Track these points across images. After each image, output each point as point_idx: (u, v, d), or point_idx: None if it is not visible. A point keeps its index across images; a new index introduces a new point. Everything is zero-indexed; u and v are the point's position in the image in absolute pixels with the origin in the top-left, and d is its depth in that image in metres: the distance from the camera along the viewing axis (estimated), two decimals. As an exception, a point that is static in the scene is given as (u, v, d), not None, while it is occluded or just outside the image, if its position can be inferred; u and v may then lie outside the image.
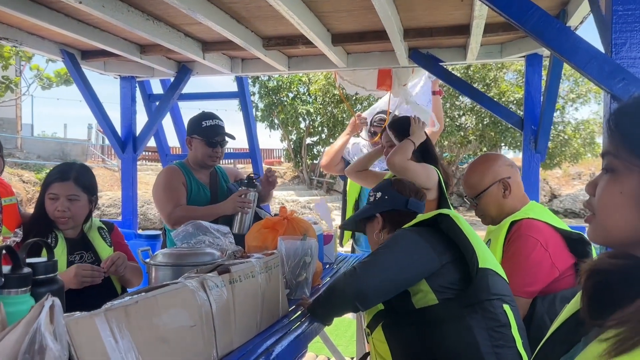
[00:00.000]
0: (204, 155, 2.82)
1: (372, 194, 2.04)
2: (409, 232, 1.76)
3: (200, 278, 1.58)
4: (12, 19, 2.80)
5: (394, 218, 1.96)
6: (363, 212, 2.08)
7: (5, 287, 1.20)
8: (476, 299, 1.60)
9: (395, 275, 1.66)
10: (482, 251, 1.67)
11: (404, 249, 1.69)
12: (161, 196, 2.76)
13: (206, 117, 2.83)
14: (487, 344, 1.56)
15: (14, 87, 9.67)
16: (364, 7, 2.58)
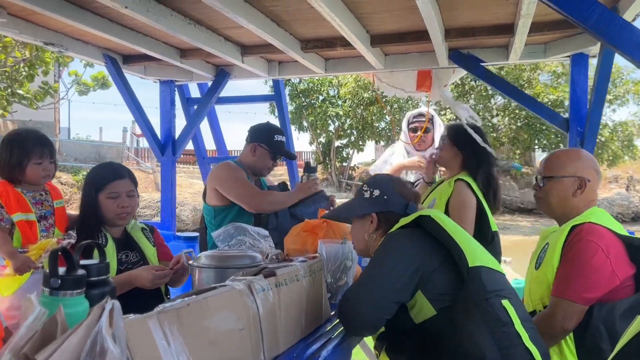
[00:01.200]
0: (264, 165, 2.92)
1: (368, 189, 1.87)
2: (397, 241, 1.67)
3: (247, 281, 1.58)
4: (58, 24, 2.87)
5: (390, 220, 1.81)
6: (356, 208, 1.91)
7: (61, 289, 1.21)
8: (473, 301, 1.51)
9: (390, 292, 1.58)
10: (470, 248, 1.58)
11: (394, 263, 1.60)
12: (239, 185, 2.80)
13: (277, 132, 2.95)
14: (492, 349, 1.46)
15: (53, 92, 9.95)
16: (406, 8, 2.56)
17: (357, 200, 1.90)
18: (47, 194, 2.42)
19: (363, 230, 1.86)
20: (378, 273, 1.61)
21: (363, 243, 1.88)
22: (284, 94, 4.12)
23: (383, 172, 3.47)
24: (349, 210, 1.95)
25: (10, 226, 2.25)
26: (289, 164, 4.19)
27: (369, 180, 1.96)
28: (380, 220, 1.83)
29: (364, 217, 1.85)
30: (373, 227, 1.83)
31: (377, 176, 2.00)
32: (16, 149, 2.31)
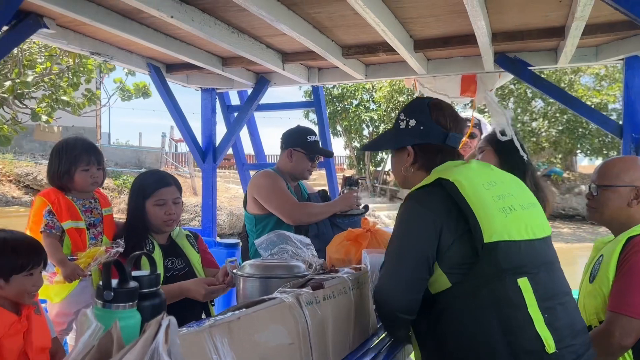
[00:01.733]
0: (303, 168, 2.93)
1: (404, 119, 1.70)
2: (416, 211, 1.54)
3: (295, 293, 1.55)
4: (105, 34, 2.93)
5: (428, 153, 1.66)
6: (391, 139, 1.76)
7: (114, 302, 1.21)
8: (482, 279, 1.41)
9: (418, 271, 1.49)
10: (489, 221, 1.43)
11: (414, 238, 1.50)
12: (277, 196, 2.81)
13: (310, 133, 2.95)
14: (495, 332, 1.38)
15: (95, 99, 10.25)
16: (452, 12, 2.50)
17: (393, 131, 1.75)
18: (96, 202, 2.46)
19: (400, 164, 1.72)
20: (402, 254, 1.54)
21: (401, 177, 1.75)
22: (323, 101, 4.11)
23: None
24: (385, 141, 1.82)
25: (60, 233, 2.30)
26: (327, 167, 4.16)
27: (407, 107, 1.77)
28: (416, 153, 1.67)
29: (401, 149, 1.71)
30: (410, 160, 1.68)
31: (415, 102, 1.78)
32: (64, 157, 2.36)
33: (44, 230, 2.25)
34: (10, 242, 1.77)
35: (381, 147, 1.92)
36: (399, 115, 1.74)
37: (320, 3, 2.42)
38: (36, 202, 2.36)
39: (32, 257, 1.78)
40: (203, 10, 2.53)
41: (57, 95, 8.77)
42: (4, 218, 8.17)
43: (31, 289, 1.79)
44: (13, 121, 8.45)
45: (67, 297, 2.34)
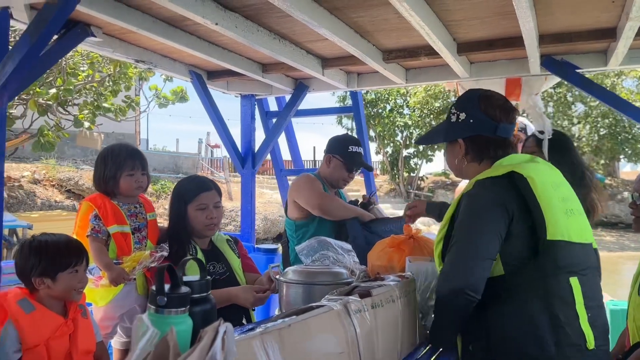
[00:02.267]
0: (339, 177, 2.93)
1: (455, 112, 1.75)
2: (483, 201, 1.59)
3: (343, 301, 1.53)
4: (149, 42, 2.98)
5: (479, 145, 1.71)
6: (442, 133, 1.82)
7: (167, 307, 1.21)
8: (539, 274, 1.50)
9: (487, 248, 1.53)
10: (554, 219, 1.51)
11: (486, 218, 1.55)
12: (310, 190, 2.86)
13: (353, 143, 2.94)
14: (545, 326, 1.46)
15: (134, 105, 10.50)
16: (499, 14, 2.45)
17: (445, 124, 1.81)
18: (141, 207, 2.49)
19: (454, 156, 1.78)
20: (474, 234, 1.56)
21: (455, 167, 1.82)
22: (361, 106, 4.09)
23: None
24: (437, 134, 1.90)
25: (106, 237, 2.33)
26: (366, 177, 4.13)
27: (458, 100, 1.84)
28: (468, 145, 1.73)
29: (453, 142, 1.77)
30: (461, 152, 1.75)
31: (466, 94, 1.82)
32: (110, 163, 2.40)
33: (90, 235, 2.29)
34: (51, 243, 1.85)
35: (433, 141, 2.00)
36: (451, 108, 1.78)
37: (363, 7, 2.41)
38: (83, 206, 2.40)
39: (74, 255, 1.86)
40: (246, 17, 2.54)
41: (98, 102, 9.02)
42: (47, 221, 8.44)
43: (77, 286, 1.86)
44: (57, 127, 8.73)
45: (112, 301, 2.37)
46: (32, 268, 1.81)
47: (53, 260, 1.81)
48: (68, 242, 1.89)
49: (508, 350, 1.51)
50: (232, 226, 12.05)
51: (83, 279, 1.90)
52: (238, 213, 12.43)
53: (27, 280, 1.84)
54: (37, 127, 8.64)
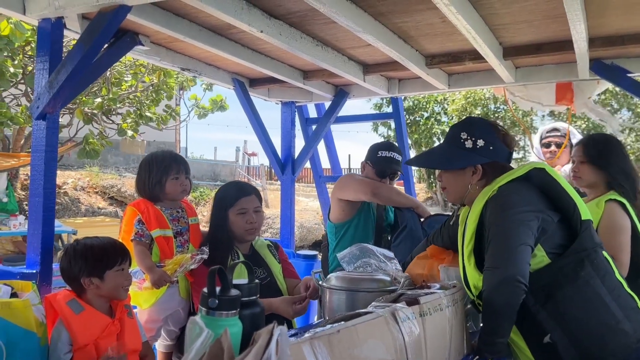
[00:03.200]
0: None
1: (469, 138, 1.79)
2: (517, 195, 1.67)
3: (391, 308, 1.50)
4: (194, 51, 3.04)
5: (494, 170, 1.79)
6: (458, 160, 1.83)
7: (218, 309, 1.22)
8: (585, 252, 1.61)
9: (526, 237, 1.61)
10: (580, 202, 1.68)
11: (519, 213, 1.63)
12: (359, 180, 2.88)
13: (384, 148, 2.93)
14: (606, 293, 1.58)
15: (175, 115, 10.74)
16: (548, 17, 2.39)
17: (457, 151, 1.82)
18: (183, 211, 2.54)
19: (464, 181, 1.83)
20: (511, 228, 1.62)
21: (461, 193, 1.86)
22: (402, 112, 4.05)
23: None
24: (449, 161, 1.86)
25: (149, 241, 2.38)
26: (406, 185, 4.07)
27: (465, 126, 1.86)
28: (485, 171, 1.80)
29: (464, 168, 1.82)
30: (477, 177, 1.80)
31: (475, 122, 1.91)
32: (155, 168, 2.45)
33: (134, 239, 2.34)
34: (96, 244, 1.92)
35: (443, 166, 1.93)
36: (459, 134, 1.82)
37: (407, 12, 2.39)
38: (127, 212, 2.46)
39: (119, 253, 1.93)
40: (290, 24, 2.57)
41: (141, 111, 9.27)
42: (91, 227, 8.69)
43: (124, 283, 1.93)
44: (101, 136, 9.01)
45: (155, 304, 2.41)
46: (80, 270, 1.87)
47: (100, 259, 1.88)
48: (111, 242, 1.97)
49: (588, 328, 1.58)
50: (269, 233, 12.13)
51: (129, 277, 1.97)
52: (275, 220, 12.51)
53: (75, 282, 1.90)
54: (82, 135, 8.93)
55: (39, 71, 2.28)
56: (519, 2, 2.24)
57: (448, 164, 1.88)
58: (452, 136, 1.86)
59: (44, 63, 2.27)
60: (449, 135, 1.90)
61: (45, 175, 2.24)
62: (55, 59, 2.28)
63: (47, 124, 2.26)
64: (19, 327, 1.81)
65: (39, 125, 2.26)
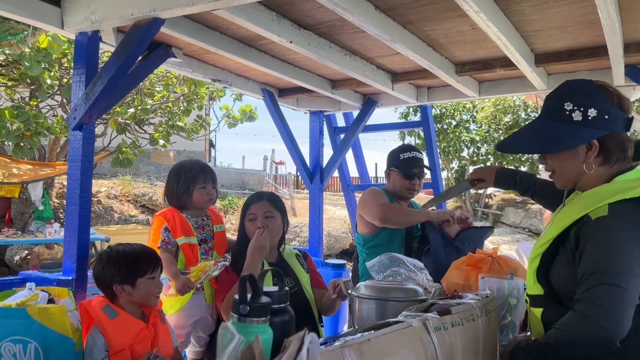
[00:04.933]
0: (402, 187, 2.88)
1: (576, 109, 1.45)
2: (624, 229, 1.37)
3: (421, 318, 1.49)
4: (225, 62, 3.10)
5: (612, 144, 1.47)
6: (569, 138, 1.48)
7: (249, 316, 1.22)
8: None
9: (634, 296, 1.34)
10: None
11: (629, 263, 1.33)
12: (372, 202, 2.80)
13: (405, 150, 2.88)
14: None
15: (205, 125, 10.91)
16: (581, 22, 2.35)
17: (564, 127, 1.48)
18: (208, 219, 2.57)
19: (576, 161, 1.50)
20: (622, 275, 1.33)
21: (574, 176, 1.53)
22: (431, 120, 4.03)
23: None
24: (556, 141, 1.50)
25: (175, 249, 2.42)
26: (435, 188, 4.04)
27: (568, 94, 1.49)
28: (602, 145, 1.46)
29: (575, 148, 1.49)
30: (593, 155, 1.47)
31: (578, 86, 1.51)
32: (183, 177, 2.50)
33: (161, 246, 2.39)
34: (129, 251, 1.95)
35: (550, 148, 1.55)
36: (562, 105, 1.48)
37: (437, 20, 2.38)
38: (155, 221, 2.52)
39: (151, 261, 1.96)
40: (319, 34, 2.59)
41: (172, 121, 9.45)
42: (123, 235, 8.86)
43: (155, 291, 1.96)
44: (133, 145, 9.20)
45: (181, 309, 2.44)
46: (112, 276, 1.91)
47: (132, 267, 1.91)
48: (143, 250, 2.00)
49: None
50: (297, 241, 12.15)
51: (159, 284, 2.00)
52: (302, 228, 12.53)
53: (107, 288, 1.94)
54: (115, 145, 9.15)
55: (76, 83, 2.36)
56: (551, 8, 2.21)
57: (556, 145, 1.51)
58: (553, 109, 1.51)
59: (81, 75, 2.34)
60: (547, 108, 1.54)
61: (81, 184, 2.31)
62: (91, 72, 2.35)
63: (83, 134, 2.33)
64: (55, 332, 1.86)
65: (75, 135, 2.33)
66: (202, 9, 1.99)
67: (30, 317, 1.84)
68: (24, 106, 7.58)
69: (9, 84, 8.14)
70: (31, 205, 8.83)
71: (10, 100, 8.27)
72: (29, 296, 1.96)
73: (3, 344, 1.76)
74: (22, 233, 8.19)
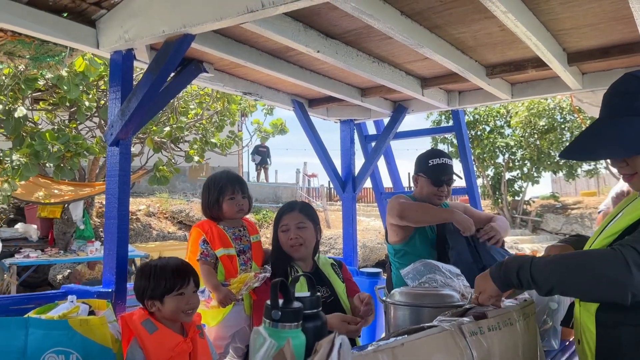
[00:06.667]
0: (429, 194, 2.84)
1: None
2: None
3: (457, 322, 1.46)
4: (255, 75, 3.15)
5: None
6: None
7: (281, 321, 1.23)
8: None
9: None
10: None
11: None
12: (395, 204, 2.77)
13: (433, 155, 2.84)
14: None
15: (238, 140, 11.06)
16: (613, 18, 2.29)
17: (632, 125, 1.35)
18: (245, 230, 2.59)
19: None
20: None
21: None
22: (464, 125, 3.97)
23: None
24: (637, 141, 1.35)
25: (214, 261, 2.44)
26: (471, 195, 3.96)
27: (634, 84, 1.37)
28: None
29: None
30: None
31: None
32: (212, 189, 2.53)
33: (200, 258, 2.40)
34: (158, 267, 1.95)
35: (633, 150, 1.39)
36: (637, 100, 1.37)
37: (464, 23, 2.36)
38: (193, 233, 2.55)
39: (178, 278, 1.94)
40: (346, 43, 2.61)
41: (206, 138, 9.63)
42: (162, 251, 9.02)
43: (185, 307, 1.94)
44: (169, 163, 9.40)
45: (222, 321, 2.45)
46: (144, 291, 1.93)
47: (158, 284, 1.91)
48: (175, 266, 1.98)
49: None
50: (332, 253, 12.12)
51: (191, 300, 1.97)
52: (337, 240, 12.49)
53: (143, 302, 1.97)
54: (152, 163, 9.38)
55: (112, 100, 2.43)
56: (581, 5, 2.17)
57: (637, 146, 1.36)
58: (622, 105, 1.38)
59: (116, 93, 2.41)
60: (615, 105, 1.41)
61: (119, 197, 2.37)
62: (126, 89, 2.42)
63: (120, 150, 2.39)
64: (95, 342, 1.91)
65: (112, 151, 2.40)
66: (230, 23, 2.04)
67: (71, 328, 1.90)
68: (64, 128, 7.85)
69: (50, 107, 8.47)
70: (72, 224, 9.10)
71: (51, 124, 8.58)
72: (70, 308, 2.02)
73: (47, 355, 1.82)
74: (64, 252, 8.40)
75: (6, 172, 6.40)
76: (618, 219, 1.46)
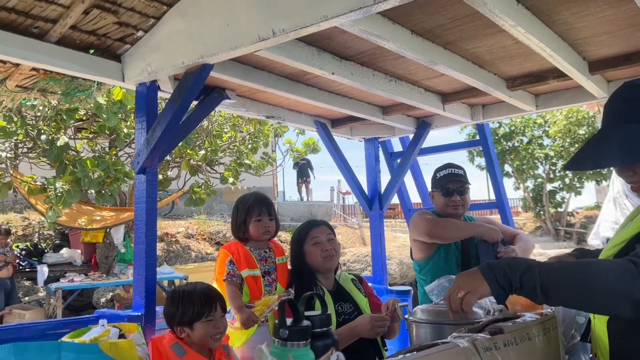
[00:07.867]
0: (443, 206, 2.82)
1: None
2: None
3: (470, 338, 1.45)
4: (277, 99, 3.22)
5: None
6: None
7: (289, 340, 1.26)
8: None
9: None
10: None
11: None
12: (419, 220, 2.77)
13: (440, 168, 2.85)
14: None
15: (272, 161, 11.22)
16: (631, 25, 2.25)
17: None
18: (270, 251, 2.62)
19: None
20: None
21: None
22: (490, 138, 3.93)
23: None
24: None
25: (240, 281, 2.47)
26: (501, 209, 3.89)
27: None
28: None
29: None
30: None
31: None
32: (240, 210, 2.58)
33: (226, 279, 2.44)
34: (187, 294, 1.99)
35: None
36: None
37: (477, 37, 2.37)
38: (220, 254, 2.60)
39: (206, 305, 1.97)
40: (361, 63, 2.64)
41: (241, 160, 9.82)
42: (200, 272, 9.18)
43: (213, 332, 1.97)
44: (205, 185, 9.61)
45: (247, 342, 2.47)
46: (173, 317, 1.97)
47: (187, 311, 1.95)
48: (203, 292, 2.01)
49: None
50: (368, 271, 12.03)
51: (218, 325, 1.99)
52: (374, 258, 12.38)
53: (173, 328, 2.01)
54: (189, 186, 9.62)
55: (138, 130, 2.54)
56: (595, 14, 2.14)
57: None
58: (624, 113, 1.37)
59: (142, 123, 2.52)
60: (617, 113, 1.40)
61: (146, 223, 2.45)
62: (151, 119, 2.52)
63: (146, 177, 2.49)
64: (124, 365, 1.98)
65: (140, 179, 2.50)
66: (245, 51, 2.11)
67: (102, 351, 1.97)
68: (104, 155, 8.17)
69: (91, 136, 8.84)
70: (114, 248, 9.38)
71: (92, 151, 8.95)
72: (101, 332, 2.10)
73: (79, 377, 1.89)
74: (107, 276, 8.65)
75: (50, 199, 6.69)
76: (626, 228, 1.43)
